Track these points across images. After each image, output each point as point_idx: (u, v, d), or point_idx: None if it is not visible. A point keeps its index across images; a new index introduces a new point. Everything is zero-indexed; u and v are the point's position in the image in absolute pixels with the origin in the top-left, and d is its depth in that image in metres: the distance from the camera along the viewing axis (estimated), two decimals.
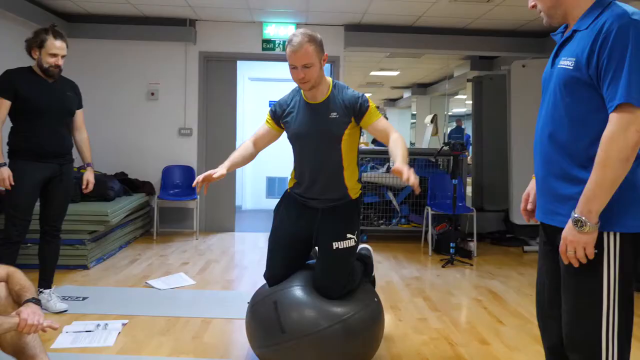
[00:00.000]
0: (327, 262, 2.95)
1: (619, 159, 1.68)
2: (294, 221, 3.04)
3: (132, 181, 6.80)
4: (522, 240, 6.75)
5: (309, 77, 2.78)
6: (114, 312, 3.92)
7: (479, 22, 6.85)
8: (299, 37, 2.73)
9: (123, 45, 7.06)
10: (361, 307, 2.94)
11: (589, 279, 1.81)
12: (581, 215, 1.74)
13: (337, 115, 2.88)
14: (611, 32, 1.70)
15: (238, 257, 5.89)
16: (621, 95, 1.68)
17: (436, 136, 10.79)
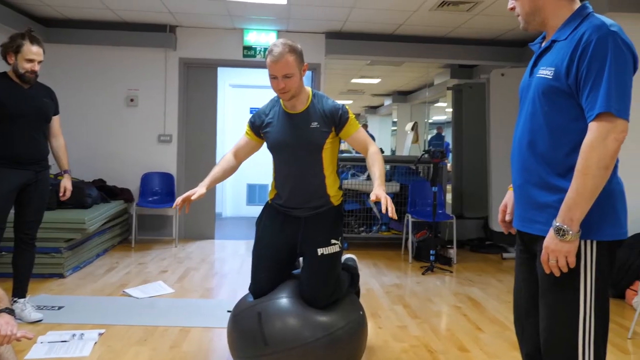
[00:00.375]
0: (312, 269, 2.93)
1: (599, 167, 1.70)
2: (277, 232, 3.02)
3: (111, 188, 6.72)
4: (501, 247, 6.80)
5: (289, 87, 2.78)
6: (90, 322, 3.86)
7: (459, 31, 6.90)
8: (279, 47, 2.73)
9: (102, 51, 7.00)
10: (347, 320, 2.92)
11: (567, 286, 1.82)
12: (563, 224, 1.75)
13: (317, 125, 2.89)
14: (590, 43, 1.72)
15: (218, 264, 5.85)
16: (601, 104, 1.70)
17: (417, 144, 10.84)
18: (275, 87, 2.80)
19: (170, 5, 6.07)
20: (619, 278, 4.73)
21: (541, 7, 1.91)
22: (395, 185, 6.88)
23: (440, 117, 12.32)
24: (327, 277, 2.92)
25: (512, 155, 2.02)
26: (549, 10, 1.90)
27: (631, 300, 4.58)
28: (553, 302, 1.85)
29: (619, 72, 1.72)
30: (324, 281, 2.91)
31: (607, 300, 1.83)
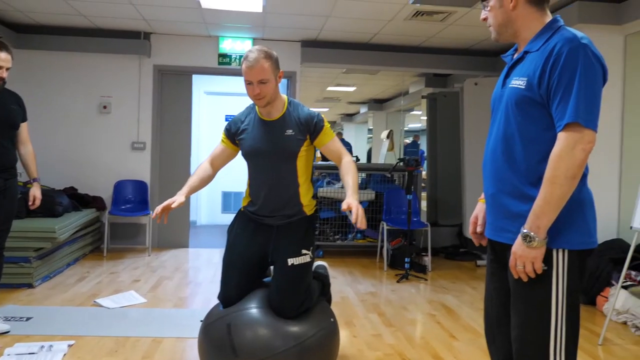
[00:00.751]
0: (282, 279, 2.91)
1: (566, 176, 1.72)
2: (249, 240, 3.00)
3: (82, 196, 6.63)
4: (475, 255, 6.86)
5: (265, 93, 2.79)
6: (60, 333, 3.78)
7: (433, 41, 6.97)
8: (255, 54, 2.75)
9: (75, 58, 6.91)
10: (317, 329, 2.90)
11: (538, 294, 1.83)
12: (530, 231, 1.77)
13: (292, 132, 2.89)
14: (562, 55, 1.75)
15: (192, 273, 5.79)
16: (569, 115, 1.73)
17: (392, 151, 10.90)
18: (250, 93, 2.80)
19: (145, 12, 6.03)
20: (590, 285, 4.79)
21: (513, 20, 1.93)
22: (371, 193, 6.90)
23: (416, 124, 12.41)
24: (297, 287, 2.90)
25: (484, 164, 2.03)
26: (520, 22, 1.93)
27: (602, 306, 4.64)
28: (524, 310, 1.87)
29: (588, 84, 1.75)
30: (293, 291, 2.89)
31: (577, 308, 1.85)
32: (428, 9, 5.57)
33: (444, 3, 5.37)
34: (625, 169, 5.22)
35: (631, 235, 3.98)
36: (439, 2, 5.33)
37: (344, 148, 3.00)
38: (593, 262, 4.80)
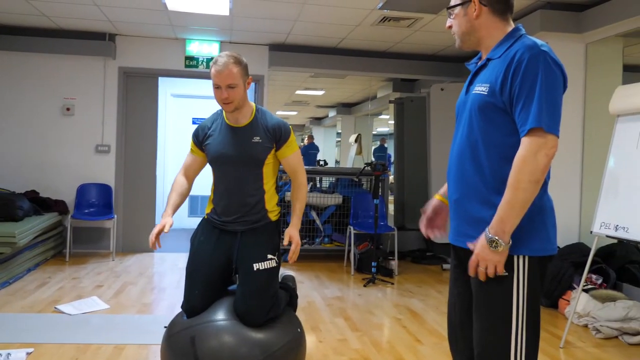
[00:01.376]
0: (248, 284, 2.88)
1: (530, 181, 1.74)
2: (213, 247, 2.96)
3: (44, 200, 6.49)
4: (441, 258, 6.92)
5: (233, 98, 2.79)
6: (18, 340, 3.69)
7: (400, 46, 7.03)
8: (224, 58, 2.77)
9: (37, 59, 6.77)
10: (284, 341, 2.87)
11: (500, 300, 1.86)
12: (495, 235, 1.78)
13: (259, 140, 2.89)
14: (522, 61, 1.79)
15: (157, 278, 5.71)
16: (532, 120, 1.75)
17: (360, 155, 10.94)
18: (218, 97, 2.81)
19: (109, 13, 5.94)
20: (552, 288, 4.87)
21: (477, 28, 1.96)
22: (338, 197, 6.92)
23: (384, 129, 12.49)
24: (263, 292, 2.88)
25: (449, 170, 2.05)
26: (484, 31, 1.96)
27: (564, 309, 4.72)
28: (486, 315, 1.89)
29: (549, 90, 1.78)
30: (259, 297, 2.86)
31: (538, 313, 1.88)
32: (395, 14, 5.62)
33: (410, 9, 5.43)
34: (585, 175, 5.33)
35: (592, 239, 4.05)
36: (405, 8, 5.39)
37: (302, 165, 3.02)
38: (555, 265, 4.89)
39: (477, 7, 1.93)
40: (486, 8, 1.93)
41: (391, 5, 5.28)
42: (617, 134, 4.01)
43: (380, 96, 10.23)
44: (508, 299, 1.85)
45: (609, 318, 4.19)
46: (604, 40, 5.15)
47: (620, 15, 4.71)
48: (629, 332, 4.12)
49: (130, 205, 7.10)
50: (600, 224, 3.94)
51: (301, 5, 5.41)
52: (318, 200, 6.85)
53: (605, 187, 3.99)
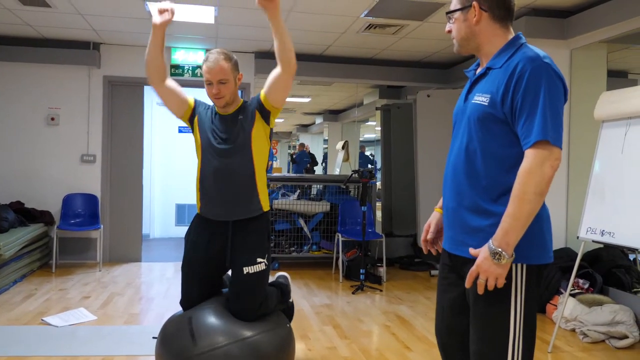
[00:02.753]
0: (239, 287, 2.99)
1: (535, 192, 1.74)
2: (206, 244, 3.05)
3: (29, 211, 6.42)
4: (430, 265, 6.93)
5: (224, 93, 2.90)
6: (5, 354, 3.64)
7: (386, 53, 7.06)
8: (215, 55, 2.88)
9: (21, 68, 6.71)
10: (271, 327, 3.02)
11: (497, 309, 1.86)
12: (499, 248, 1.77)
13: (242, 116, 3.00)
14: (524, 74, 1.78)
15: (144, 288, 5.67)
16: (537, 133, 1.75)
17: (348, 162, 10.95)
18: (209, 93, 2.92)
19: (94, 22, 5.91)
20: (540, 293, 4.89)
21: (477, 34, 1.96)
22: (326, 204, 6.91)
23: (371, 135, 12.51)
24: (253, 294, 2.99)
25: (445, 178, 2.04)
26: (484, 37, 1.95)
27: (551, 314, 4.75)
28: (483, 325, 1.89)
29: (552, 102, 1.77)
30: (250, 299, 2.98)
31: (534, 321, 1.89)
32: (380, 22, 5.64)
33: (396, 16, 5.46)
34: (571, 180, 5.36)
35: (578, 244, 4.09)
36: (391, 15, 5.41)
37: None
38: None
39: (477, 12, 1.93)
40: (486, 14, 1.93)
41: (377, 12, 5.31)
42: (602, 140, 4.04)
43: (367, 103, 10.25)
44: (506, 308, 1.85)
45: (596, 322, 4.22)
46: (588, 46, 5.19)
47: (604, 22, 4.75)
48: (615, 336, 4.15)
49: (117, 215, 7.04)
50: (586, 229, 3.97)
51: (287, 12, 5.42)
52: (306, 208, 6.85)
53: (591, 192, 4.02)
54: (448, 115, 6.91)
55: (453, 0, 2.00)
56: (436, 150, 6.87)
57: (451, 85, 7.61)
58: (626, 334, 4.12)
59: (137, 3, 5.22)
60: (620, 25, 4.66)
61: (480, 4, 1.92)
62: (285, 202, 6.85)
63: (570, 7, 5.08)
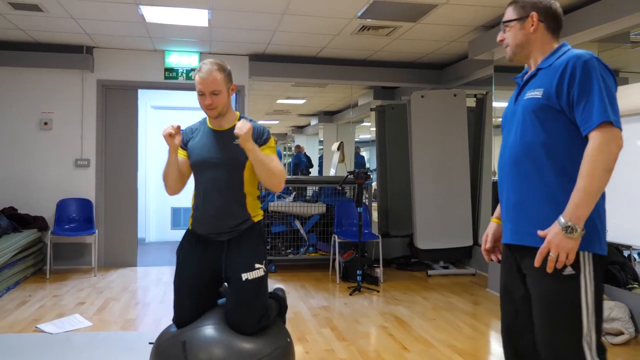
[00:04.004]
0: (238, 295, 2.88)
1: (604, 169, 1.84)
2: (199, 258, 2.94)
3: (22, 216, 6.39)
4: (427, 265, 6.92)
5: (217, 104, 2.84)
6: None
7: (380, 54, 7.06)
8: (208, 65, 2.83)
9: (13, 73, 6.67)
10: (274, 347, 2.88)
11: (569, 298, 1.92)
12: (570, 221, 1.84)
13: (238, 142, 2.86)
14: (577, 67, 1.93)
15: (140, 293, 5.64)
16: (599, 115, 1.87)
17: (343, 163, 10.94)
18: (202, 104, 2.85)
19: (87, 26, 5.89)
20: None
21: (532, 42, 2.12)
22: (322, 206, 6.90)
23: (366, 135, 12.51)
24: (253, 302, 2.88)
25: (501, 178, 2.14)
26: (537, 45, 2.12)
27: None
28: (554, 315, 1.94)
29: (607, 88, 1.91)
30: (250, 306, 2.87)
31: (602, 310, 1.95)
32: (374, 23, 5.64)
33: (389, 18, 5.46)
34: None
35: None
36: (384, 17, 5.42)
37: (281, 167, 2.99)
38: None
39: (535, 22, 2.11)
40: (542, 24, 2.12)
41: (370, 14, 5.31)
42: None
43: (362, 104, 10.24)
44: (577, 297, 1.91)
45: None
46: (579, 45, 5.18)
47: (595, 21, 4.76)
48: (611, 332, 4.16)
49: (112, 220, 7.02)
50: None
51: (280, 15, 5.41)
52: (302, 210, 6.83)
53: None
54: (442, 115, 6.94)
55: (508, 11, 2.18)
56: (431, 149, 6.89)
57: (444, 86, 7.62)
58: (622, 330, 4.13)
59: (130, 7, 5.21)
60: (611, 24, 4.66)
61: (539, 15, 2.11)
62: (281, 204, 6.83)
63: (562, 6, 5.06)
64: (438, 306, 5.19)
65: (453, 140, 6.93)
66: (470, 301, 5.41)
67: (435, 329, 4.44)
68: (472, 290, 5.90)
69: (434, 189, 6.85)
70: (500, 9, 5.11)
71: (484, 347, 4.08)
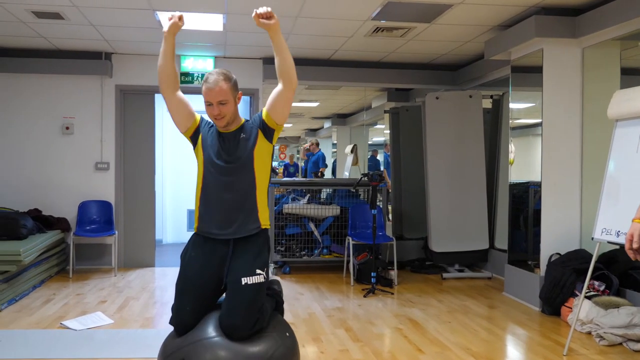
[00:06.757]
0: (235, 298, 2.89)
1: None
2: (203, 264, 2.98)
3: (47, 218, 6.55)
4: (441, 268, 6.94)
5: (225, 113, 2.91)
6: (27, 356, 3.74)
7: (394, 56, 7.10)
8: (214, 76, 2.88)
9: (36, 79, 6.86)
10: (275, 346, 2.88)
11: None
12: None
13: (245, 135, 3.00)
14: None
15: (158, 293, 5.75)
16: None
17: (357, 165, 10.98)
18: (210, 114, 2.92)
19: (106, 33, 6.01)
20: (554, 295, 4.87)
21: None
22: (336, 208, 6.96)
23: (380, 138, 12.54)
24: (250, 306, 2.87)
25: None
26: None
27: (566, 317, 4.74)
28: None
29: None
30: (245, 311, 2.85)
31: None
32: (388, 25, 5.67)
33: (403, 19, 5.48)
34: (585, 180, 5.31)
35: (593, 245, 4.04)
36: (399, 18, 5.43)
37: None
38: (557, 272, 4.89)
39: None
40: None
41: (385, 15, 5.34)
42: (616, 139, 3.98)
43: (375, 106, 10.28)
44: None
45: (613, 325, 4.16)
46: (600, 44, 5.12)
47: (616, 19, 4.66)
48: (633, 338, 4.08)
49: (131, 221, 7.15)
50: (601, 229, 3.90)
51: (294, 18, 5.48)
52: (316, 212, 6.90)
53: (606, 192, 3.96)
54: (457, 117, 6.94)
55: None
56: (446, 152, 6.88)
57: (459, 87, 7.63)
58: None
59: (147, 13, 5.32)
60: (633, 22, 4.56)
61: None
62: (296, 206, 6.90)
63: (581, 4, 5.02)
64: (453, 309, 5.22)
65: (469, 142, 6.91)
66: (486, 305, 5.42)
67: (451, 332, 4.47)
68: (488, 293, 5.90)
69: (449, 192, 6.86)
70: (517, 8, 5.06)
71: (500, 350, 4.10)
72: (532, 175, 5.53)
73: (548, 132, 5.29)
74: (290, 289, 5.93)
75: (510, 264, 5.79)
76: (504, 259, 6.00)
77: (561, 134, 5.31)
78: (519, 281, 5.59)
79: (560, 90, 5.29)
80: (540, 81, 5.28)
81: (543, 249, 5.23)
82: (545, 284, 5.01)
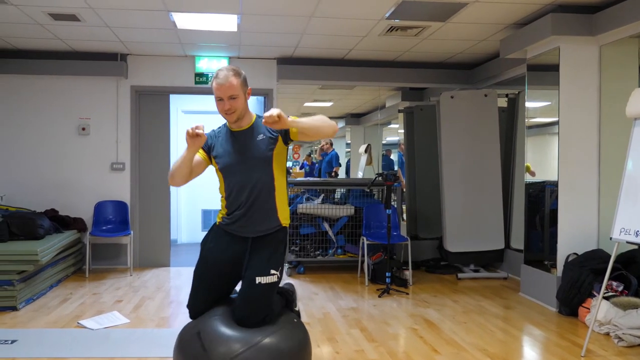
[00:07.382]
0: (248, 295, 3.03)
1: None
2: (222, 255, 3.12)
3: (63, 218, 6.61)
4: (456, 268, 6.90)
5: (235, 108, 2.97)
6: (45, 355, 3.78)
7: (408, 55, 7.08)
8: (224, 72, 2.96)
9: (52, 81, 6.92)
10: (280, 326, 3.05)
11: None
12: None
13: (263, 136, 3.04)
14: None
15: (174, 292, 5.78)
16: None
17: (371, 165, 10.96)
18: (220, 109, 2.99)
19: (121, 34, 6.05)
20: (572, 296, 4.82)
21: None
22: (350, 208, 6.95)
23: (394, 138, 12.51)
24: (261, 303, 3.03)
25: None
26: None
27: (584, 317, 4.69)
28: None
29: None
30: (257, 307, 3.01)
31: None
32: (402, 24, 5.66)
33: (418, 18, 5.46)
34: (603, 180, 5.25)
35: (611, 245, 3.99)
36: (413, 17, 5.42)
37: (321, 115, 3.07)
38: (574, 272, 4.84)
39: None
40: None
41: (399, 14, 5.32)
42: (635, 138, 3.93)
43: (389, 105, 10.25)
44: None
45: (632, 326, 4.13)
46: (618, 41, 5.06)
47: (634, 16, 4.59)
48: None
49: (146, 221, 7.19)
50: (620, 229, 3.85)
51: (308, 18, 5.48)
52: (330, 212, 6.89)
53: (624, 191, 3.91)
54: (472, 116, 6.90)
55: None
56: (461, 151, 6.84)
57: (474, 86, 7.59)
58: None
59: (162, 14, 5.34)
60: None
61: None
62: (310, 206, 6.90)
63: (598, 2, 4.96)
64: (468, 309, 5.19)
65: (484, 141, 6.86)
66: (502, 305, 5.38)
67: (466, 332, 4.45)
68: (504, 294, 5.86)
69: (464, 191, 6.82)
70: (532, 6, 5.02)
71: (517, 351, 4.07)
72: (548, 174, 5.49)
73: (565, 131, 5.24)
74: (305, 289, 5.94)
75: (527, 264, 5.75)
76: (520, 259, 5.95)
77: (578, 132, 5.26)
78: (535, 281, 5.54)
79: (577, 89, 5.24)
80: (556, 80, 5.23)
81: (560, 249, 5.19)
82: (563, 284, 4.96)
